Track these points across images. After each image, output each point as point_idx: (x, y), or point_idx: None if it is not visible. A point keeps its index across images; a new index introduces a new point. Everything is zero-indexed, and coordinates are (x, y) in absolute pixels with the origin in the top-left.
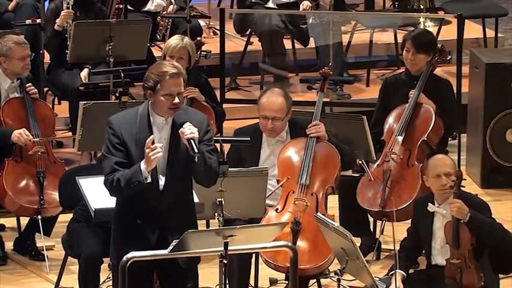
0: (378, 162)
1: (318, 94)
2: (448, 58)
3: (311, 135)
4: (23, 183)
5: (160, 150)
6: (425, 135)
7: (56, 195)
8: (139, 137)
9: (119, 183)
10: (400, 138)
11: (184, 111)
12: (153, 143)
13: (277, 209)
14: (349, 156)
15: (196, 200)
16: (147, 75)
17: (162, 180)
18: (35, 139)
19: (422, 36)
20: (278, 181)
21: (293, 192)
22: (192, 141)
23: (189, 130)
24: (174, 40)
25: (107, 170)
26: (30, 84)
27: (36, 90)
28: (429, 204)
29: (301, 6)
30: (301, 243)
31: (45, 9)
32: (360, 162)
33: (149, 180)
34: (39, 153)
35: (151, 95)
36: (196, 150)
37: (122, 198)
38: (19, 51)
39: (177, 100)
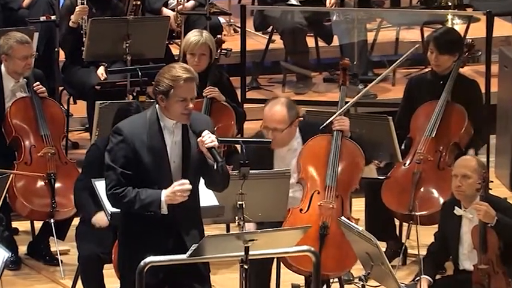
0: (406, 163)
1: (341, 89)
2: (478, 54)
3: (335, 128)
4: (34, 186)
5: (188, 189)
6: (458, 136)
7: (68, 197)
8: (151, 144)
9: (132, 204)
10: (431, 139)
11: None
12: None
13: (301, 209)
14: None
15: (216, 203)
16: (159, 79)
17: None
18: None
19: (445, 35)
20: (301, 180)
21: (318, 193)
22: (213, 149)
23: (210, 138)
24: (194, 36)
25: (112, 182)
26: (38, 83)
27: (44, 89)
28: (456, 207)
29: (327, 0)
30: (327, 249)
31: (60, 5)
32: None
33: (165, 212)
34: (49, 154)
35: (163, 100)
36: (219, 159)
37: None
38: (20, 51)
39: (190, 105)
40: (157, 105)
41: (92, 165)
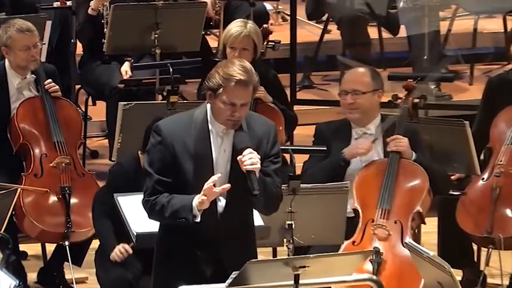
0: (484, 177)
1: (401, 107)
2: None
3: (390, 148)
4: (45, 202)
5: (217, 192)
6: None
7: (85, 215)
8: (194, 149)
9: (163, 211)
10: None
11: (246, 117)
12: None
13: (353, 242)
14: (442, 178)
15: (260, 223)
16: (213, 72)
17: (221, 201)
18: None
19: None
20: (354, 210)
21: (372, 221)
22: (251, 174)
23: (250, 160)
24: (236, 27)
25: (148, 189)
26: (50, 80)
27: (57, 87)
28: None
29: None
30: (382, 279)
31: None
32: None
33: (198, 220)
34: (64, 164)
35: (212, 97)
36: (255, 188)
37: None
38: (20, 40)
39: (238, 113)
40: (208, 105)
41: (116, 189)
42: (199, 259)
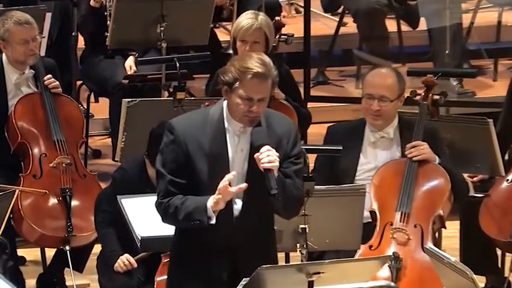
0: (509, 178)
1: (420, 105)
2: None
3: (412, 158)
4: (45, 204)
5: (233, 192)
6: None
7: (87, 218)
8: (210, 148)
9: (177, 213)
10: None
11: (265, 116)
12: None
13: (371, 246)
14: (461, 183)
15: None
16: (228, 66)
17: (237, 204)
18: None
19: None
20: (371, 213)
21: (391, 225)
22: (269, 173)
23: (267, 158)
24: (247, 20)
25: (161, 191)
26: (49, 76)
27: (57, 83)
28: None
29: None
30: (401, 286)
31: None
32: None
33: (213, 221)
34: (64, 164)
35: (227, 93)
36: (273, 187)
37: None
38: (18, 34)
39: (255, 108)
40: (224, 102)
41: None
42: (215, 263)
